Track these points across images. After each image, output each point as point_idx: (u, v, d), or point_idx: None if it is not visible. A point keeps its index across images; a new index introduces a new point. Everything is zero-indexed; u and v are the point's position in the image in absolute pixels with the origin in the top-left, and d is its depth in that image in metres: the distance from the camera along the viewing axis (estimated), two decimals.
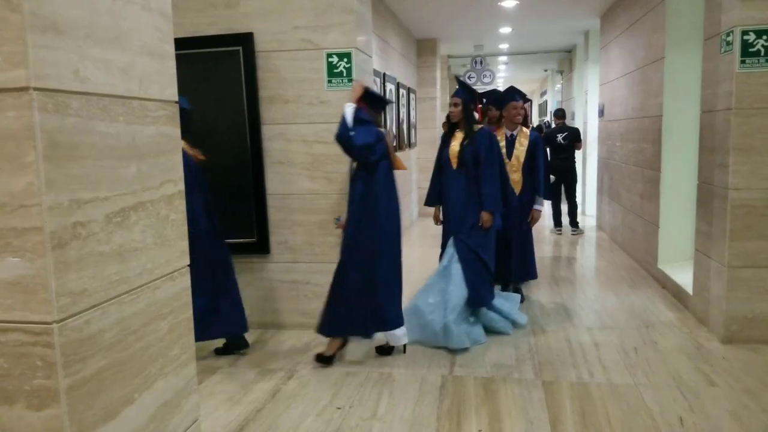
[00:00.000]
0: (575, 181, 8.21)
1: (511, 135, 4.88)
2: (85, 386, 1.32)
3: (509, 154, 4.82)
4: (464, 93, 4.21)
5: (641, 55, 6.12)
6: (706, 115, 4.16)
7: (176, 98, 1.65)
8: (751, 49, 3.64)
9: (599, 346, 3.95)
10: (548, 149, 7.25)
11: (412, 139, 9.34)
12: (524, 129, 4.95)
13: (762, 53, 3.63)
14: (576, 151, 8.14)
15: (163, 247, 1.60)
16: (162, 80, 1.59)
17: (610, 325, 4.35)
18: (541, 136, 5.25)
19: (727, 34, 3.77)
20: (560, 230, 8.21)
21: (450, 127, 4.33)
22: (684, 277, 4.82)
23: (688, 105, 5.10)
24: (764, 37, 3.61)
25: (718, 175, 3.93)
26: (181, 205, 1.67)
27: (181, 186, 1.67)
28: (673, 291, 5.00)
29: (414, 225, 9.46)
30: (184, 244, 1.69)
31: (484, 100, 5.09)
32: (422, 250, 7.56)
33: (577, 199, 8.29)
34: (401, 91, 8.24)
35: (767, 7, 3.59)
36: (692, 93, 4.92)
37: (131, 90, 1.46)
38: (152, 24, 1.55)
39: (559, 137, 8.00)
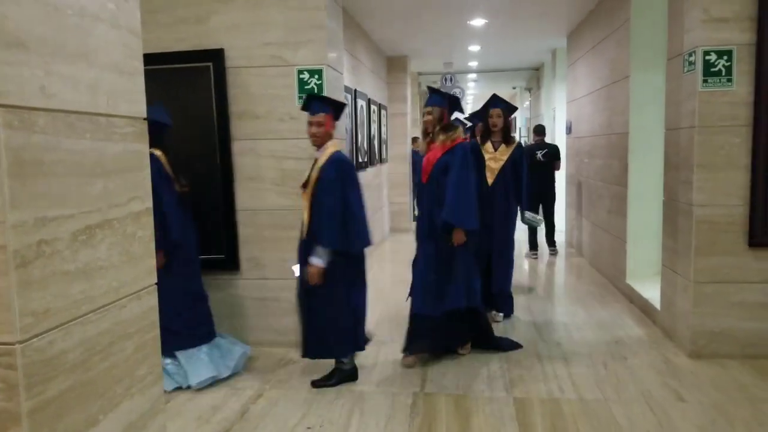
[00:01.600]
0: (554, 200, 7.77)
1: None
2: (47, 408, 1.28)
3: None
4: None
5: (607, 74, 6.27)
6: (671, 133, 4.27)
7: (144, 115, 1.63)
8: (712, 69, 3.75)
9: (569, 361, 3.98)
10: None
11: (383, 155, 9.38)
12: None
13: (723, 73, 3.75)
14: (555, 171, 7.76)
15: (130, 265, 1.57)
16: (130, 97, 1.57)
17: (580, 341, 4.39)
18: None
19: (690, 54, 3.88)
20: (536, 254, 7.67)
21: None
22: (651, 292, 4.91)
23: (653, 122, 5.23)
24: (725, 58, 3.73)
25: (683, 192, 4.03)
26: (148, 222, 1.64)
27: (149, 203, 1.64)
28: (641, 306, 5.09)
29: (386, 241, 9.46)
30: (151, 262, 1.66)
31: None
32: (393, 266, 7.56)
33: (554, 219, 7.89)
34: (372, 107, 8.29)
35: (727, 28, 3.72)
36: (657, 111, 5.04)
37: (98, 106, 1.44)
38: (121, 41, 1.54)
39: (539, 154, 7.56)
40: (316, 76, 4.07)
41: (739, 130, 3.77)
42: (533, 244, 7.73)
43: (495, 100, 4.94)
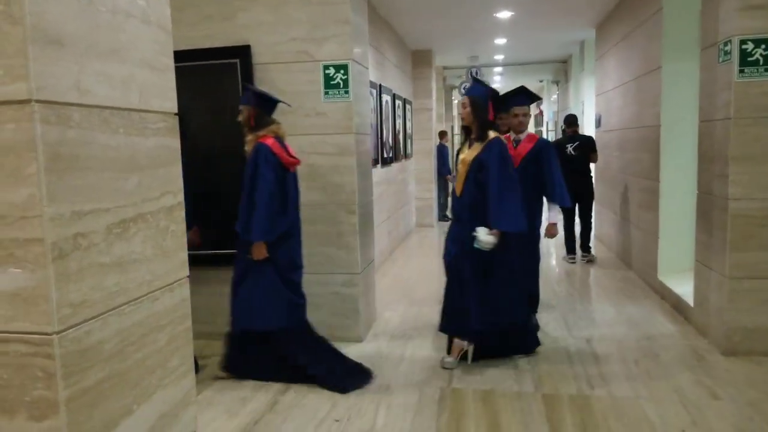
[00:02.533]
0: (592, 199, 6.89)
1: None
2: (84, 397, 1.31)
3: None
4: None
5: (637, 65, 6.15)
6: (705, 125, 4.17)
7: (176, 110, 1.65)
8: (749, 59, 3.66)
9: (599, 358, 3.93)
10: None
11: (408, 150, 9.36)
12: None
13: (761, 62, 3.65)
14: (591, 164, 6.83)
15: (163, 259, 1.59)
16: (162, 92, 1.59)
17: (610, 337, 4.33)
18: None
19: (725, 44, 3.79)
20: (574, 258, 6.95)
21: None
22: (684, 288, 4.81)
23: (686, 114, 5.12)
24: (762, 47, 3.63)
25: (718, 185, 3.94)
26: (180, 216, 1.66)
27: (181, 197, 1.66)
28: (673, 302, 4.99)
29: (412, 234, 9.45)
30: (184, 255, 1.68)
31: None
32: (419, 260, 7.55)
33: (592, 221, 7.09)
34: (397, 102, 8.27)
35: (765, 16, 3.62)
36: (690, 102, 4.93)
37: (131, 102, 1.46)
38: (151, 37, 1.55)
39: (569, 148, 6.68)
40: (342, 71, 4.07)
41: None
42: (571, 247, 7.03)
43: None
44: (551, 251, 7.69)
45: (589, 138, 6.95)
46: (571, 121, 7.06)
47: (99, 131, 1.33)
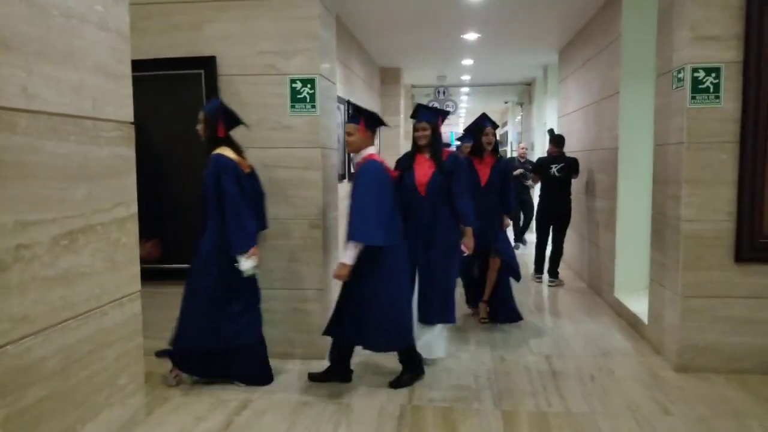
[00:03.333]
0: (568, 222, 6.71)
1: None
2: (23, 417, 1.25)
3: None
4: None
5: (597, 89, 6.31)
6: (660, 148, 4.29)
7: (131, 119, 1.62)
8: (701, 86, 3.79)
9: (557, 374, 3.97)
10: (540, 183, 6.78)
11: None
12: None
13: (711, 90, 3.78)
14: (571, 187, 6.72)
15: (113, 272, 1.55)
16: (117, 100, 1.56)
17: (568, 354, 4.39)
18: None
19: (679, 71, 3.92)
20: (540, 278, 6.99)
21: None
22: (639, 306, 4.92)
23: (642, 138, 5.26)
24: (713, 75, 3.77)
25: (671, 207, 4.05)
26: (133, 228, 1.62)
27: (134, 209, 1.63)
28: (629, 320, 5.09)
29: None
30: (135, 269, 1.64)
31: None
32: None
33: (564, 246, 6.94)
34: None
35: (715, 46, 3.76)
36: (646, 126, 5.08)
37: (84, 109, 1.43)
38: (108, 44, 1.53)
39: (554, 168, 6.53)
40: (309, 86, 4.07)
41: (727, 146, 3.80)
42: (540, 267, 7.03)
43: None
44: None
45: (575, 160, 6.61)
46: (559, 141, 6.76)
47: (47, 138, 1.29)
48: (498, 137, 5.22)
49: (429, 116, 4.16)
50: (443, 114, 4.34)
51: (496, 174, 5.05)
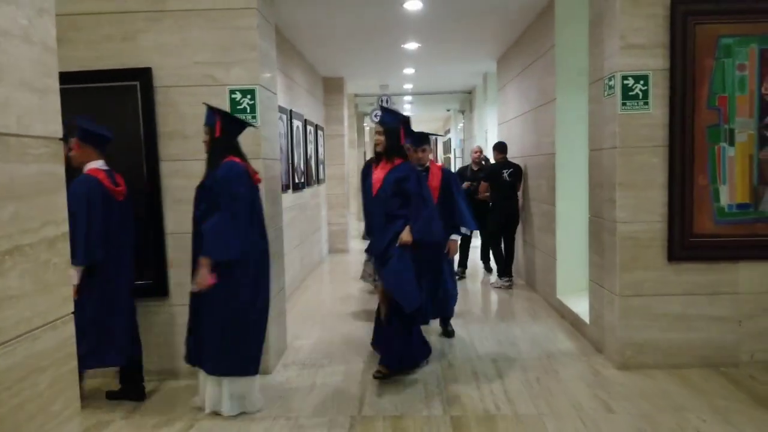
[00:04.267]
0: (517, 224, 7.07)
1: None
2: None
3: None
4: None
5: (534, 97, 6.49)
6: (594, 153, 4.45)
7: (60, 134, 1.56)
8: (630, 93, 3.95)
9: (504, 377, 4.04)
10: (491, 188, 6.89)
11: (321, 176, 9.35)
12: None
13: (640, 96, 3.95)
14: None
15: (44, 294, 1.48)
16: (44, 116, 1.50)
17: (514, 356, 4.47)
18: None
19: (609, 79, 4.08)
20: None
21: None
22: (581, 307, 5.07)
23: (578, 143, 5.44)
24: (641, 82, 3.94)
25: (607, 209, 4.20)
26: (64, 248, 1.56)
27: (65, 228, 1.56)
28: (572, 320, 5.24)
29: (324, 261, 9.39)
30: (68, 290, 1.58)
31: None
32: (332, 287, 7.50)
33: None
34: (308, 128, 8.26)
35: (643, 54, 3.93)
36: (581, 132, 5.26)
37: (8, 126, 1.36)
38: (34, 57, 1.47)
39: (505, 173, 6.85)
40: (249, 96, 4.03)
41: (657, 150, 3.98)
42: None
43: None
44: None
45: (518, 166, 6.95)
46: (502, 147, 7.11)
47: None
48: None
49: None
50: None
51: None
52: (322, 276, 8.28)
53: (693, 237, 3.99)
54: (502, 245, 7.01)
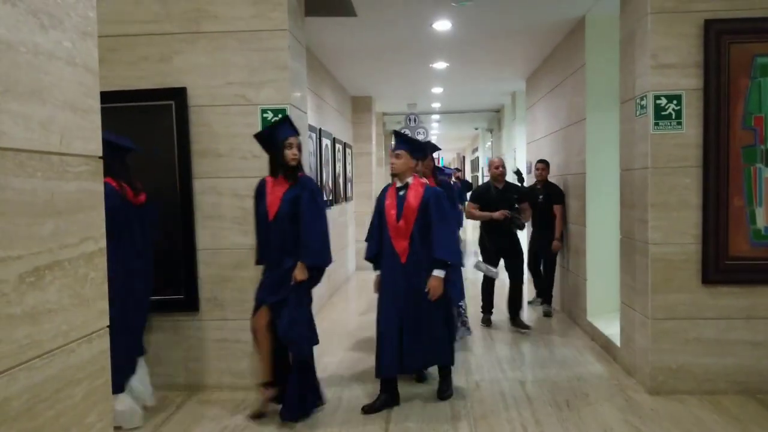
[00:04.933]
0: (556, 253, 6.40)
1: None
2: None
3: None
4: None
5: (564, 116, 6.46)
6: (626, 173, 4.40)
7: (100, 153, 1.60)
8: (663, 113, 3.91)
9: (532, 400, 3.97)
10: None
11: (348, 193, 9.40)
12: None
13: (673, 116, 3.90)
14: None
15: (81, 308, 1.52)
16: (85, 135, 1.55)
17: (543, 378, 4.40)
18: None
19: (641, 98, 4.04)
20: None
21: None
22: (612, 329, 4.97)
23: (609, 163, 5.38)
24: (674, 102, 3.90)
25: (639, 230, 4.13)
26: (101, 263, 1.60)
27: (103, 243, 1.60)
28: (602, 343, 5.14)
29: (351, 279, 9.40)
30: (104, 304, 1.61)
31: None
32: (358, 304, 7.50)
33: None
34: (337, 146, 8.34)
35: (676, 74, 3.89)
36: (612, 152, 5.20)
37: (51, 145, 1.41)
38: (76, 79, 1.52)
39: (541, 196, 6.27)
40: (280, 116, 4.09)
41: (690, 170, 3.92)
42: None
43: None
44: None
45: (557, 188, 6.38)
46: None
47: (13, 175, 1.27)
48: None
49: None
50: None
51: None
52: (348, 293, 8.28)
53: (728, 260, 3.90)
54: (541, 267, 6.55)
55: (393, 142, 4.12)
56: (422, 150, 4.30)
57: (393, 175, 4.03)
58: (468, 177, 22.43)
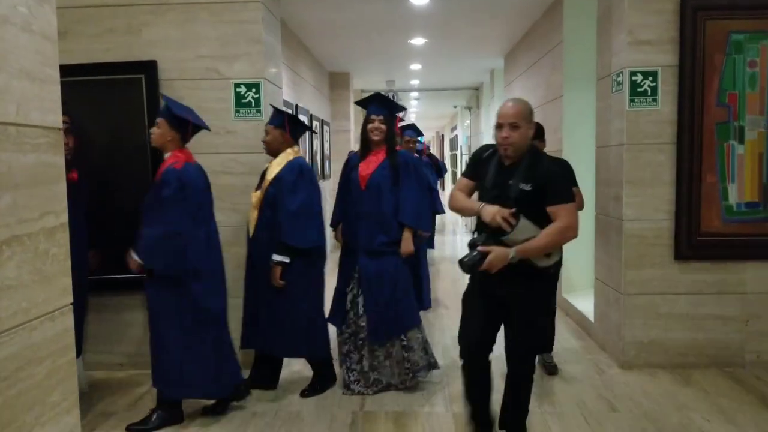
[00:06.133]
0: None
1: None
2: None
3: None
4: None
5: (541, 94, 6.45)
6: (601, 150, 4.41)
7: (60, 125, 1.54)
8: (639, 89, 3.91)
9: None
10: None
11: (326, 171, 9.33)
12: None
13: (649, 93, 3.91)
14: None
15: (42, 285, 1.47)
16: (44, 106, 1.49)
17: None
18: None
19: (618, 75, 4.04)
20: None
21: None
22: (586, 306, 5.03)
23: (585, 140, 5.39)
24: (650, 78, 3.90)
25: (614, 207, 4.16)
26: (63, 239, 1.55)
27: (64, 218, 1.55)
28: (577, 319, 5.21)
29: (329, 256, 9.35)
30: (67, 280, 1.57)
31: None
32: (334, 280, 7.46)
33: None
34: (314, 123, 8.25)
35: (652, 50, 3.89)
36: (588, 129, 5.21)
37: (7, 115, 1.35)
38: (33, 47, 1.45)
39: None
40: (254, 90, 4.01)
41: (664, 147, 3.94)
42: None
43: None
44: None
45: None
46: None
47: None
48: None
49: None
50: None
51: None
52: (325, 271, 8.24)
53: (700, 236, 3.95)
54: None
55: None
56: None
57: None
58: (446, 158, 22.07)
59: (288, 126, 3.69)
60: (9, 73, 1.37)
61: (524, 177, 2.66)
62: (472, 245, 2.71)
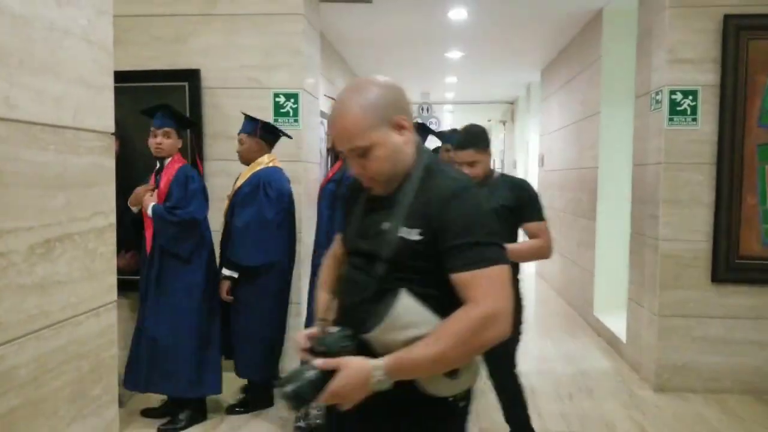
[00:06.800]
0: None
1: None
2: None
3: None
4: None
5: (578, 109, 6.41)
6: (638, 168, 4.37)
7: (112, 130, 1.62)
8: (678, 108, 3.87)
9: (536, 393, 3.98)
10: None
11: None
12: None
13: (688, 112, 3.87)
14: None
15: (90, 281, 1.54)
16: (98, 111, 1.56)
17: (547, 372, 4.40)
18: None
19: (657, 93, 4.00)
20: None
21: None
22: (618, 325, 4.96)
23: (622, 158, 5.34)
24: (690, 97, 3.86)
25: (649, 226, 4.11)
26: (111, 238, 1.62)
27: (113, 219, 1.62)
28: (608, 339, 5.13)
29: None
30: (112, 278, 1.63)
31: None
32: None
33: None
34: None
35: (693, 69, 3.85)
36: (625, 147, 5.16)
37: (64, 119, 1.43)
38: (91, 56, 1.53)
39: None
40: (292, 100, 4.09)
41: (703, 167, 3.88)
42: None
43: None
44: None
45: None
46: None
47: (26, 147, 1.29)
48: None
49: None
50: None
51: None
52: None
53: (739, 258, 3.87)
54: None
55: None
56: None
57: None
58: None
59: (260, 133, 3.61)
60: (68, 81, 1.45)
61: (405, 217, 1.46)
62: (309, 352, 1.44)
